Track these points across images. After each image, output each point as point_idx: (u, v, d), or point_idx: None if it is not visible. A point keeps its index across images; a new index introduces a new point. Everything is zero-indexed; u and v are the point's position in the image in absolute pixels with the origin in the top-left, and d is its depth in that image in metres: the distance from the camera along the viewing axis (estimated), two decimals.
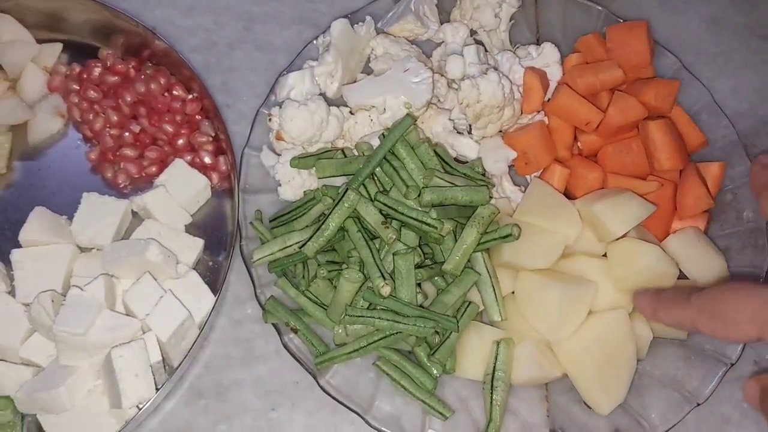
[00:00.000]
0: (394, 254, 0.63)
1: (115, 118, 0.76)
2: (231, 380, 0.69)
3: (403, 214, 0.64)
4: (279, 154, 0.73)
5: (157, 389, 0.62)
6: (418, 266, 0.64)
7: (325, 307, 0.66)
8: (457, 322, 0.63)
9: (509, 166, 0.74)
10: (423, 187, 0.64)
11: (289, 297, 0.67)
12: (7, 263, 0.69)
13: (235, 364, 0.69)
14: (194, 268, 0.70)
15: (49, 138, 0.77)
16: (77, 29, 0.82)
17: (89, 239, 0.70)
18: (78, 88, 0.78)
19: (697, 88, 0.78)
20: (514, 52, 0.78)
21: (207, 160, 0.75)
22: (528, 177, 0.75)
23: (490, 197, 0.68)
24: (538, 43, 0.82)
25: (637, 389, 0.66)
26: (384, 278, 0.62)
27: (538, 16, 0.85)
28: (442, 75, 0.75)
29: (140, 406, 0.61)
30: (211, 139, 0.76)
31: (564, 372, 0.65)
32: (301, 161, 0.70)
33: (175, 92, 0.77)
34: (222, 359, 0.70)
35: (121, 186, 0.75)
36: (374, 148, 0.69)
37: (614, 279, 0.66)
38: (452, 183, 0.65)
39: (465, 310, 0.65)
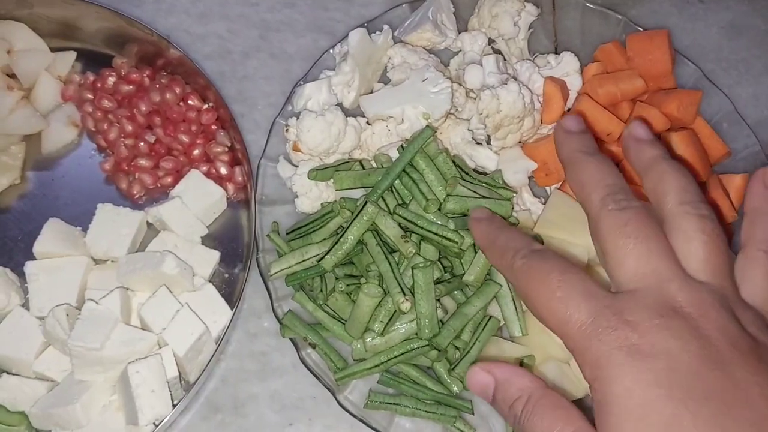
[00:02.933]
0: (413, 268, 0.62)
1: (130, 128, 0.75)
2: (247, 394, 0.68)
3: (422, 227, 0.63)
4: (296, 165, 0.72)
5: (174, 405, 0.61)
6: (437, 281, 0.63)
7: (343, 321, 0.65)
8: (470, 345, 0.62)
9: (529, 178, 0.73)
10: (446, 195, 0.63)
11: (307, 311, 0.67)
12: (21, 275, 0.69)
13: (252, 378, 0.68)
14: (210, 281, 0.69)
15: (62, 148, 0.76)
16: (90, 38, 0.81)
17: (104, 251, 0.69)
18: (92, 97, 0.77)
19: (718, 97, 0.77)
20: (533, 61, 0.77)
21: (223, 170, 0.74)
22: (548, 188, 0.74)
23: (512, 209, 0.67)
24: (556, 51, 0.81)
25: None
26: (404, 293, 0.61)
27: (556, 24, 0.84)
28: (460, 84, 0.74)
29: (156, 422, 0.60)
30: (226, 149, 0.75)
31: (586, 392, 0.64)
32: (319, 173, 0.69)
33: (190, 102, 0.76)
34: (238, 373, 0.69)
35: (136, 197, 0.74)
36: (393, 160, 0.68)
37: None
38: (475, 192, 0.64)
39: (485, 325, 0.64)
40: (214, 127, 0.76)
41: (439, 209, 0.63)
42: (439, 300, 0.64)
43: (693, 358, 0.40)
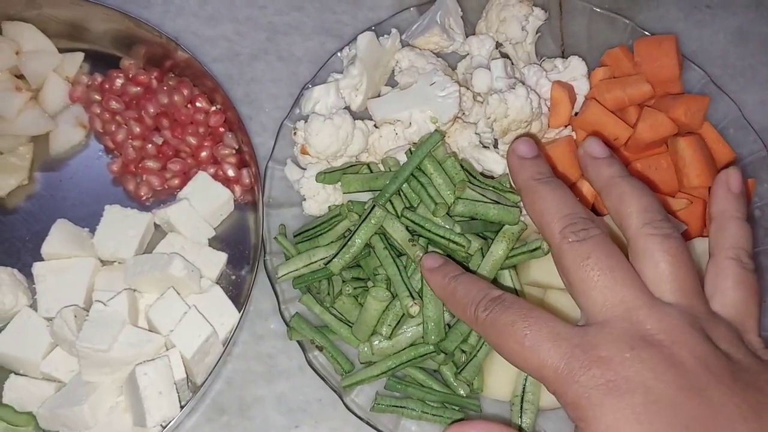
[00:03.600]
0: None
1: (138, 129, 0.75)
2: (253, 396, 0.68)
3: (430, 231, 0.63)
4: (303, 168, 0.72)
5: (182, 407, 0.61)
6: None
7: (350, 324, 0.65)
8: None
9: None
10: (455, 198, 0.63)
11: (314, 314, 0.67)
12: (29, 276, 0.69)
13: (258, 380, 0.69)
14: (217, 283, 0.69)
15: (70, 149, 0.77)
16: (98, 39, 0.81)
17: (111, 252, 0.69)
18: (100, 98, 0.77)
19: (724, 103, 0.77)
20: (540, 65, 0.77)
21: (230, 172, 0.74)
22: None
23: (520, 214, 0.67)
24: (563, 55, 0.82)
25: None
26: (413, 297, 0.61)
27: (563, 29, 0.84)
28: (467, 88, 0.75)
29: (164, 424, 0.60)
30: (234, 151, 0.75)
31: None
32: (326, 176, 0.69)
33: (198, 104, 0.76)
34: (244, 375, 0.69)
35: (143, 198, 0.74)
36: (401, 163, 0.68)
37: None
38: (484, 195, 0.64)
39: None
40: (221, 129, 0.76)
41: (448, 213, 0.63)
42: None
43: (669, 388, 0.40)
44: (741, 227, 0.50)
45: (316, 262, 0.66)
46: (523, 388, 0.62)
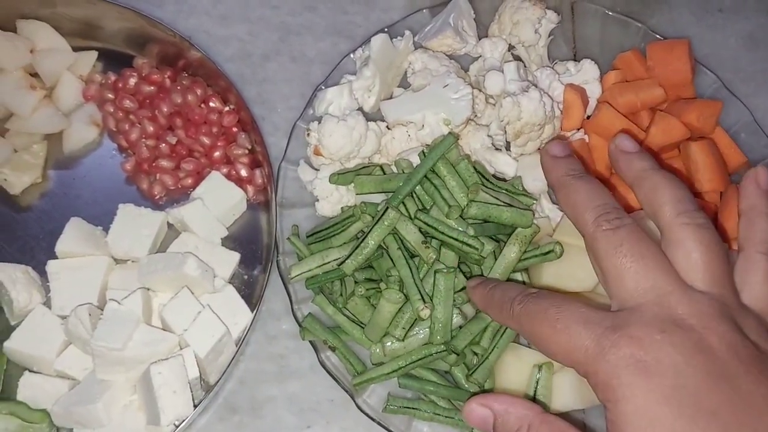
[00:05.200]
0: (436, 272, 0.62)
1: (151, 128, 0.75)
2: (265, 396, 0.68)
3: (443, 233, 0.63)
4: (317, 169, 0.72)
5: (195, 406, 0.62)
6: (459, 290, 0.63)
7: (362, 325, 0.66)
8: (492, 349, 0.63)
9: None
10: (469, 200, 0.64)
11: (327, 314, 0.67)
12: (42, 274, 0.69)
13: (270, 380, 0.69)
14: (229, 282, 0.70)
15: (84, 147, 0.77)
16: (112, 37, 0.81)
17: (125, 251, 0.69)
18: (113, 97, 0.77)
19: (736, 107, 0.77)
20: (553, 68, 0.77)
21: (243, 172, 0.74)
22: None
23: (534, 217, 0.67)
24: (575, 58, 0.82)
25: None
26: (424, 300, 0.61)
27: (575, 32, 0.84)
28: (479, 90, 0.75)
29: (177, 423, 0.61)
30: (247, 151, 0.76)
31: None
32: (340, 177, 0.69)
33: (211, 104, 0.76)
34: (256, 374, 0.69)
35: (157, 197, 0.75)
36: (414, 165, 0.68)
37: None
38: (497, 198, 0.64)
39: (504, 331, 0.65)
40: (235, 129, 0.77)
41: (461, 216, 0.63)
42: (459, 308, 0.64)
43: (699, 373, 0.41)
44: None
45: (329, 262, 0.66)
46: (535, 390, 0.63)
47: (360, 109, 0.75)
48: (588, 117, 0.76)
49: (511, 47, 0.79)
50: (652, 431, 0.40)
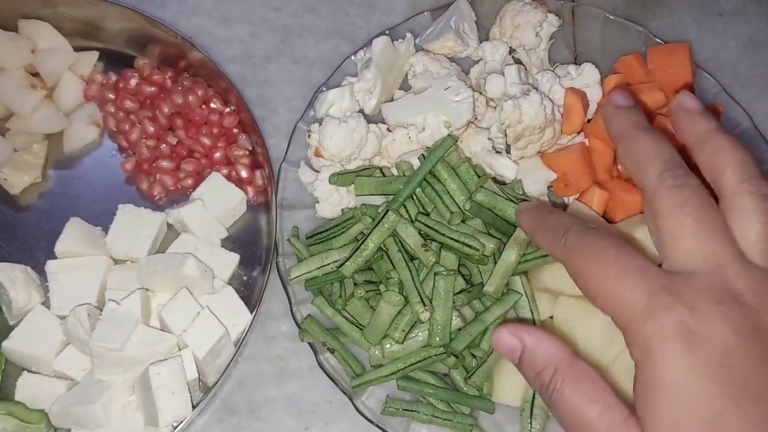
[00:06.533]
0: (435, 274, 0.62)
1: (152, 129, 0.75)
2: (264, 398, 0.68)
3: (444, 235, 0.63)
4: (317, 171, 0.72)
5: (194, 407, 0.62)
6: (458, 292, 0.63)
7: (361, 327, 0.66)
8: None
9: (548, 188, 0.73)
10: (477, 187, 0.63)
11: (326, 316, 0.67)
12: (42, 273, 0.69)
13: (268, 381, 0.69)
14: (229, 283, 0.70)
15: (84, 147, 0.77)
16: (113, 38, 0.81)
17: (124, 252, 0.69)
18: (114, 97, 0.78)
19: (736, 112, 0.77)
20: (553, 72, 0.77)
21: (243, 173, 0.74)
22: (567, 199, 0.74)
23: None
24: (575, 61, 0.82)
25: None
26: (423, 303, 0.61)
27: (576, 35, 0.84)
28: (480, 93, 0.75)
29: (175, 424, 0.61)
30: (247, 152, 0.76)
31: None
32: (340, 178, 0.69)
33: (212, 105, 0.76)
34: (255, 376, 0.69)
35: (156, 198, 0.75)
36: (414, 167, 0.69)
37: None
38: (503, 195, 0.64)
39: None
40: (235, 130, 0.77)
41: (464, 222, 0.63)
42: (458, 310, 0.64)
43: (749, 353, 0.39)
44: None
45: (328, 264, 0.66)
46: (534, 393, 0.63)
47: (361, 111, 0.75)
48: (588, 120, 0.76)
49: (512, 50, 0.79)
50: (692, 405, 0.38)
